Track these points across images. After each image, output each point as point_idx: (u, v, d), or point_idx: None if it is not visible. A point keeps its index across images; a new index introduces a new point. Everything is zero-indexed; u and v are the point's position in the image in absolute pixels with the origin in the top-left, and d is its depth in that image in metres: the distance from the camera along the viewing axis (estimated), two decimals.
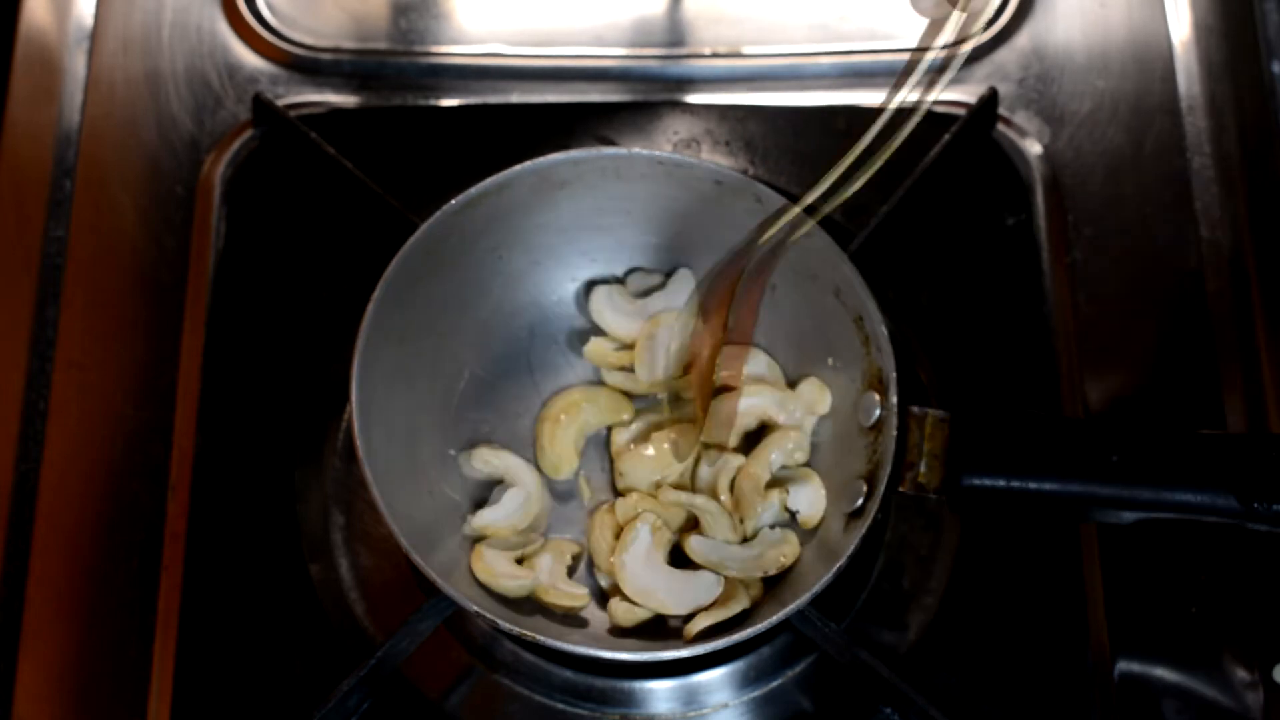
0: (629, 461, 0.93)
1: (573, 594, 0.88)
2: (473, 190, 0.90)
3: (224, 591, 0.93)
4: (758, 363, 0.94)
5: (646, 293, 0.96)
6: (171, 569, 0.93)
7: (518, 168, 0.90)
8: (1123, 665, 0.91)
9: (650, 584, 0.88)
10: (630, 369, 0.95)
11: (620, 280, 0.98)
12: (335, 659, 0.90)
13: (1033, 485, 0.82)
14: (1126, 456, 0.80)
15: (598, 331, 0.96)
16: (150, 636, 0.92)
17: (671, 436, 0.92)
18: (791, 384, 0.94)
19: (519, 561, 0.90)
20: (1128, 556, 0.94)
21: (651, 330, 0.95)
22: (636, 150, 0.91)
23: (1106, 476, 0.80)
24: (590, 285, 0.97)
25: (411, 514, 0.86)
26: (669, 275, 0.97)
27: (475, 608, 0.82)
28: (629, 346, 0.96)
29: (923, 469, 0.84)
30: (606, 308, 0.96)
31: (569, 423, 0.94)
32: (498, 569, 0.88)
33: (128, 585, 0.93)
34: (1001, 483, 0.82)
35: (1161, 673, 0.91)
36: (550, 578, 0.89)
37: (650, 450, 0.93)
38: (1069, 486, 0.81)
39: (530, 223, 0.93)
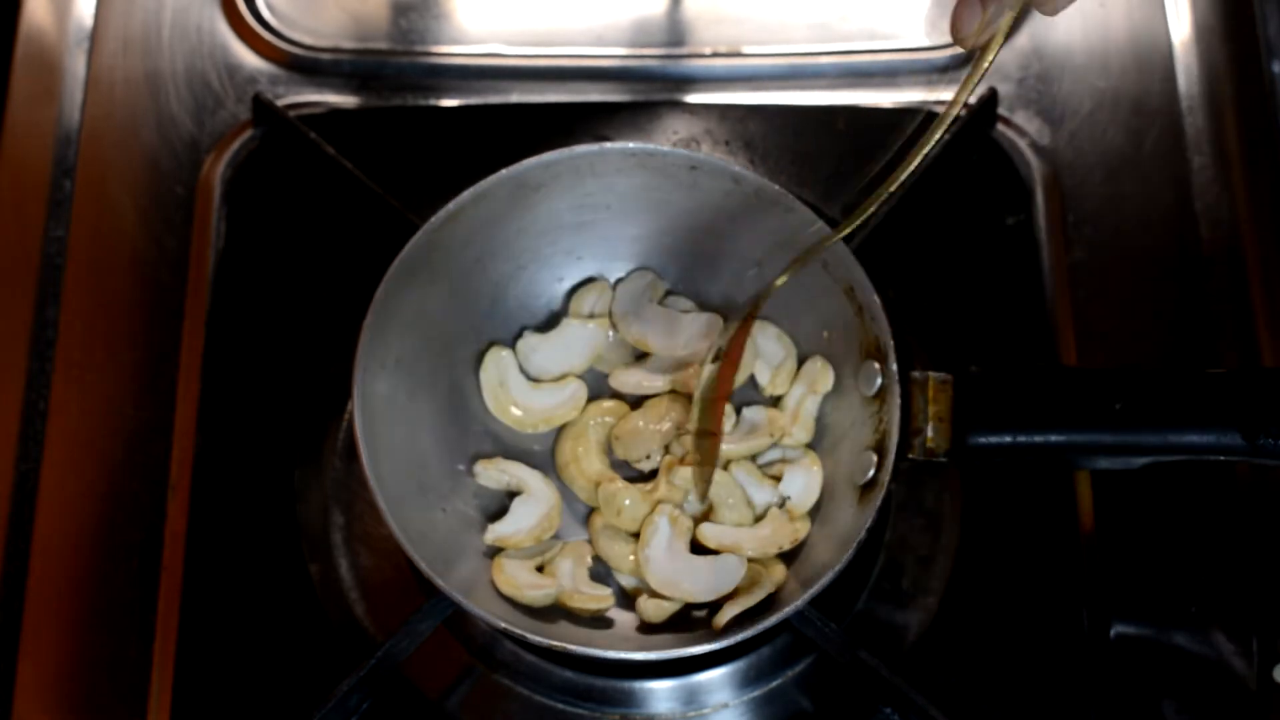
0: (628, 432, 0.93)
1: (597, 595, 0.88)
2: (450, 205, 0.89)
3: (224, 591, 0.93)
4: (767, 336, 0.94)
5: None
6: (171, 569, 0.93)
7: (493, 177, 0.90)
8: (1122, 666, 0.91)
9: (676, 574, 0.88)
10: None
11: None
12: (335, 659, 0.90)
13: (1039, 439, 0.82)
14: (1130, 402, 0.80)
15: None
16: (150, 636, 0.92)
17: (664, 413, 0.93)
18: None
19: (539, 569, 0.89)
20: (1128, 557, 0.94)
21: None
22: (608, 145, 0.91)
23: (1111, 424, 0.81)
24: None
25: (426, 533, 0.86)
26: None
27: (504, 624, 0.82)
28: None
29: (930, 433, 0.84)
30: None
31: (585, 454, 0.93)
32: (520, 580, 0.87)
33: (128, 585, 0.93)
34: (1009, 439, 0.82)
35: (1161, 673, 0.91)
36: (573, 582, 0.88)
37: (643, 422, 0.93)
38: (1075, 437, 0.81)
39: (510, 228, 0.93)
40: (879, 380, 0.86)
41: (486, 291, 0.95)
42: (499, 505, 0.92)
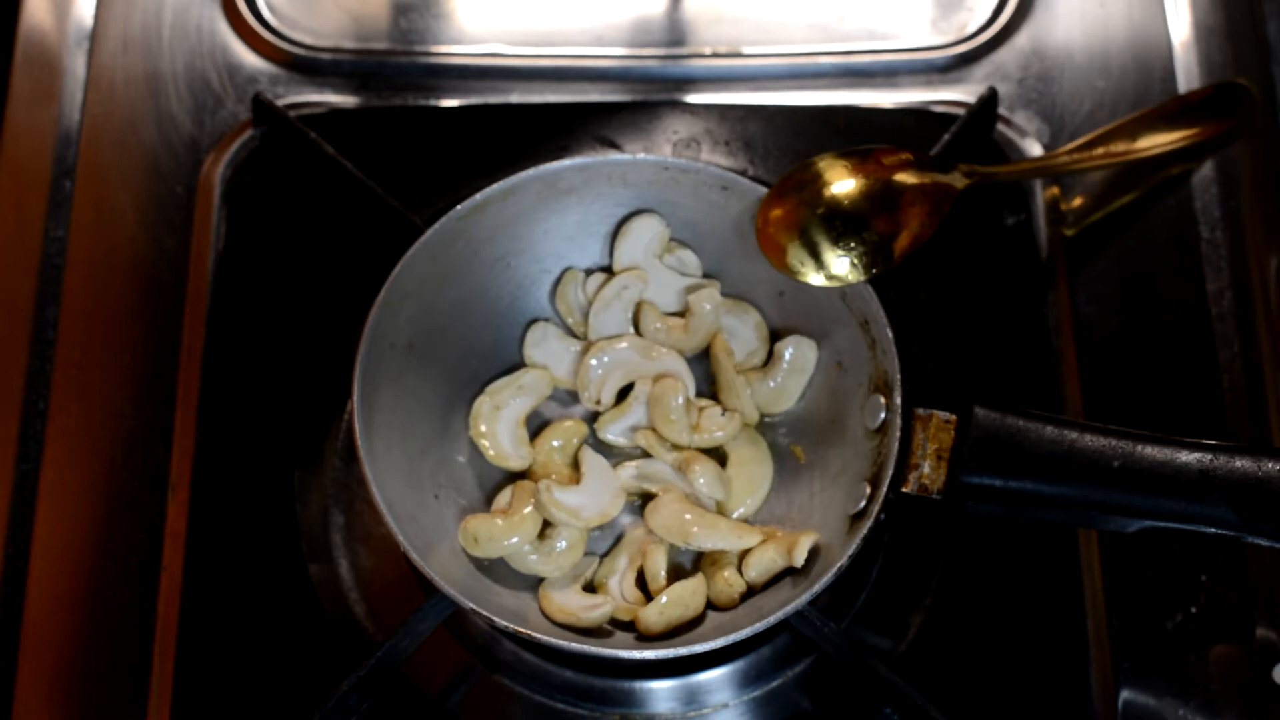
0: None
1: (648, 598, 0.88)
2: (477, 197, 0.89)
3: (224, 591, 0.93)
4: (745, 322, 0.94)
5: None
6: (171, 569, 0.93)
7: (523, 174, 0.90)
8: (1122, 664, 0.91)
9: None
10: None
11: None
12: (335, 659, 0.90)
13: (1031, 487, 0.82)
14: (1128, 463, 0.80)
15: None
16: (150, 636, 0.92)
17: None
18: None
19: (589, 588, 0.89)
20: (1128, 556, 0.94)
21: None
22: (642, 155, 0.91)
23: (1107, 482, 0.80)
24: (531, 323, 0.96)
25: (416, 517, 0.86)
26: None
27: (472, 605, 0.82)
28: (679, 314, 0.95)
29: (926, 470, 0.84)
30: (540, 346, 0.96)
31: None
32: (572, 605, 0.87)
33: (128, 585, 0.93)
34: (999, 482, 0.82)
35: (1161, 672, 0.91)
36: (628, 595, 0.88)
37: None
38: (1069, 490, 0.81)
39: (538, 230, 0.93)
40: (883, 415, 0.86)
41: (509, 290, 0.95)
42: (493, 494, 0.92)
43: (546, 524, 0.89)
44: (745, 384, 0.92)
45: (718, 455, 0.93)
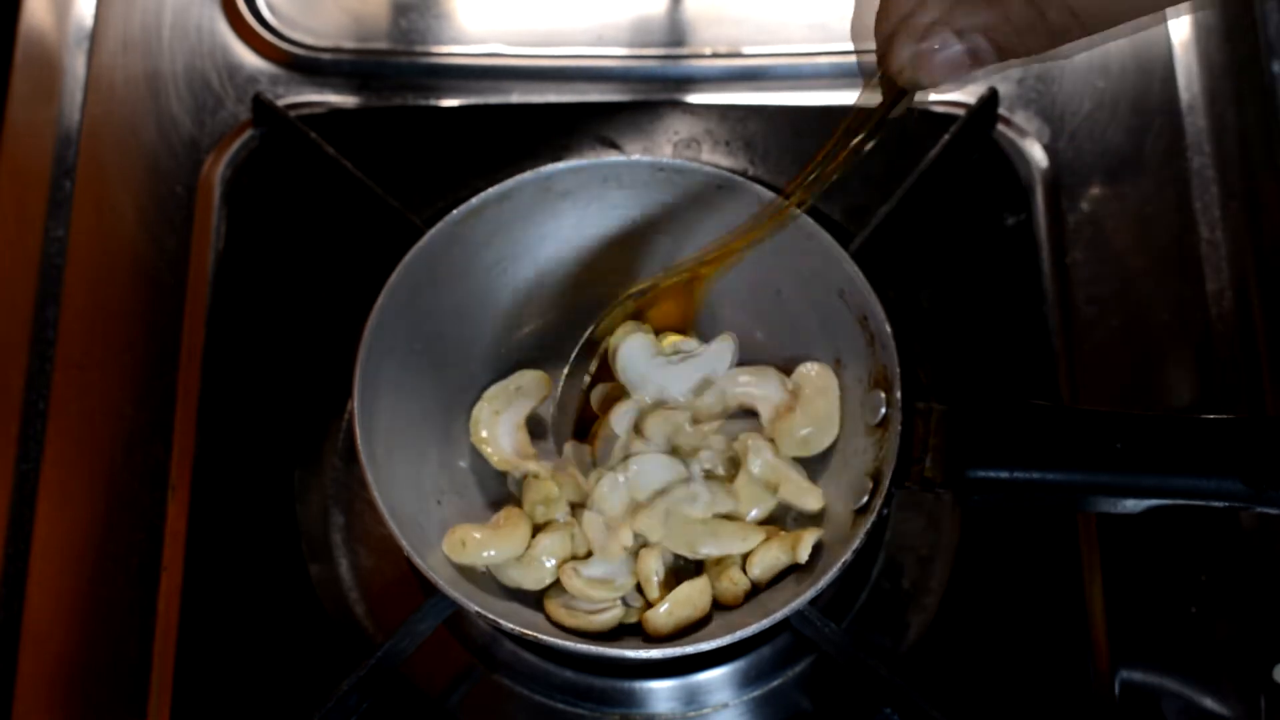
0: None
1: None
2: (473, 201, 0.89)
3: (224, 591, 0.93)
4: (767, 378, 0.93)
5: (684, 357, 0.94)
6: (171, 569, 0.93)
7: (518, 178, 0.90)
8: (1123, 664, 0.91)
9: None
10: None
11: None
12: (335, 659, 0.90)
13: (1036, 475, 0.81)
14: (1130, 444, 0.80)
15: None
16: (150, 636, 0.92)
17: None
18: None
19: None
20: (1128, 555, 0.94)
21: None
22: (637, 157, 0.91)
23: (1111, 465, 0.80)
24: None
25: (419, 521, 0.86)
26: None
27: (475, 607, 0.82)
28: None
29: (928, 463, 0.84)
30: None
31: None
32: (580, 609, 0.87)
33: (128, 585, 0.93)
34: (1005, 474, 0.82)
35: (1161, 672, 0.91)
36: (629, 598, 0.88)
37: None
38: (1073, 476, 0.81)
39: (534, 233, 0.93)
40: (883, 410, 0.86)
41: (506, 295, 0.94)
42: (495, 500, 0.92)
43: (532, 538, 0.88)
44: (793, 466, 0.90)
45: (729, 465, 0.92)
